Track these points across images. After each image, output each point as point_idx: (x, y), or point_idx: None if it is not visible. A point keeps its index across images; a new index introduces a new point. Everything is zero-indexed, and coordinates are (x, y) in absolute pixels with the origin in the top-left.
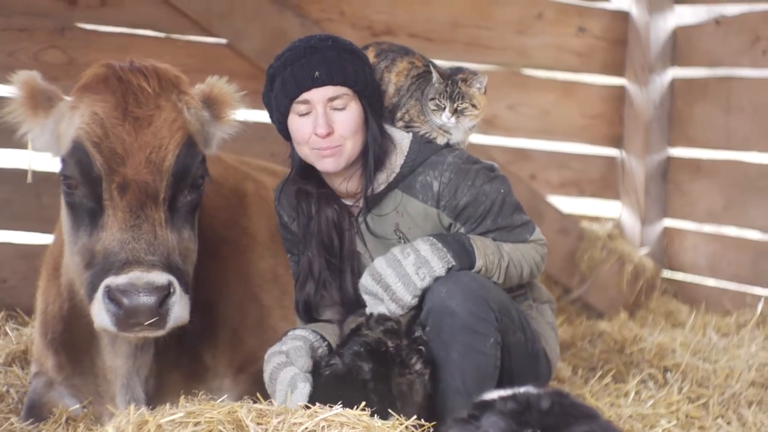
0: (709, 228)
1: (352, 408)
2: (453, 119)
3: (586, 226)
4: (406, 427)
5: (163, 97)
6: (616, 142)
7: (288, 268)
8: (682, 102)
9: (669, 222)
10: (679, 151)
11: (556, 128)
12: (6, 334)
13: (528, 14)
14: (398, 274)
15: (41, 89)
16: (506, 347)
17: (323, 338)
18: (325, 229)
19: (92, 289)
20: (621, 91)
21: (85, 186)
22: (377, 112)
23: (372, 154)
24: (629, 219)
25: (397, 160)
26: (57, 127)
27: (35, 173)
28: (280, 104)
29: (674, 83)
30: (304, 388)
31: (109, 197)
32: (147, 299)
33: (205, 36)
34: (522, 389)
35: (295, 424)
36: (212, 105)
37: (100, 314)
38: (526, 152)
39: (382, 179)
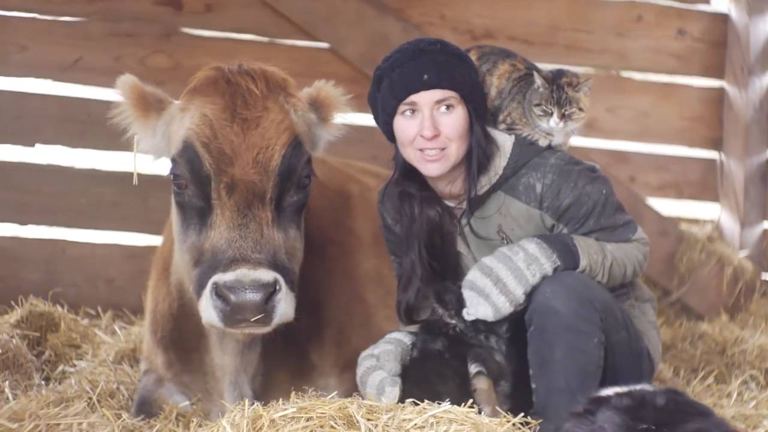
0: None
1: (436, 376)
2: (561, 124)
3: (685, 229)
4: (513, 424)
5: (270, 99)
6: (715, 144)
7: (392, 269)
8: None
9: None
10: None
11: (654, 130)
12: (114, 332)
13: (627, 17)
14: (510, 269)
15: (150, 92)
16: (610, 346)
17: None
18: (427, 230)
19: (200, 286)
20: (720, 93)
21: (195, 185)
22: (482, 116)
23: (476, 158)
24: (728, 221)
25: (500, 163)
26: (168, 128)
27: (142, 176)
28: (386, 105)
29: None
30: (392, 392)
31: (217, 197)
32: (253, 296)
33: (308, 40)
34: (637, 386)
35: (404, 420)
36: (319, 108)
37: (208, 310)
38: (624, 155)
39: (485, 181)
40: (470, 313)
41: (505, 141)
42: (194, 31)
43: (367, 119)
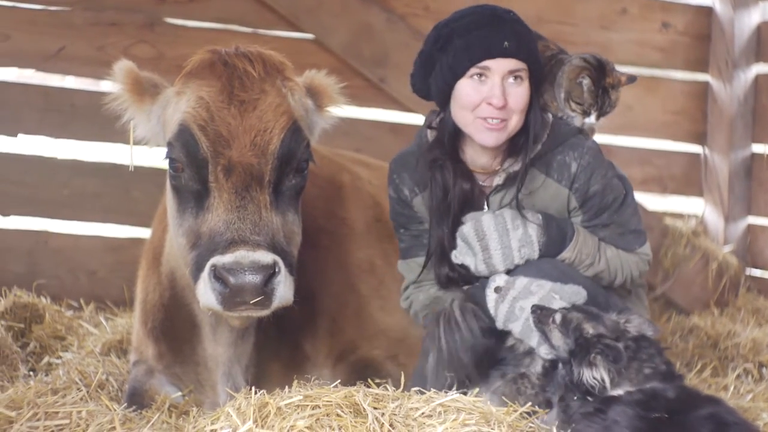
0: None
1: None
2: (595, 122)
3: (670, 223)
4: (521, 414)
5: (268, 82)
6: (699, 138)
7: (383, 259)
8: (767, 98)
9: (753, 219)
10: (763, 148)
11: (638, 124)
12: (98, 324)
13: (612, 10)
14: (502, 244)
15: (146, 77)
16: None
17: None
18: (461, 202)
19: (198, 269)
20: (704, 87)
21: (191, 169)
22: (539, 92)
23: (533, 133)
24: (712, 216)
25: (541, 139)
26: (163, 112)
27: (124, 168)
28: (457, 65)
29: (758, 79)
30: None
31: (214, 179)
32: (253, 278)
33: (292, 31)
34: (648, 384)
35: (412, 408)
36: (314, 95)
37: (206, 293)
38: (608, 148)
39: (523, 156)
40: (457, 257)
41: (547, 119)
42: (177, 21)
43: (352, 111)
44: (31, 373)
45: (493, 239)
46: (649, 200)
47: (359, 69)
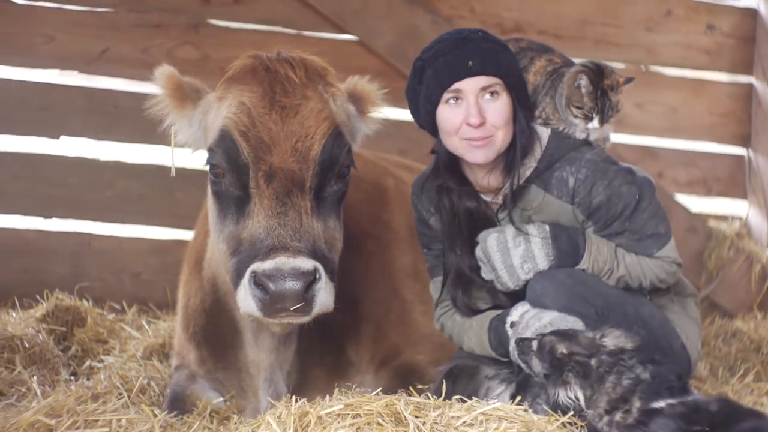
0: None
1: None
2: (598, 126)
3: (714, 225)
4: (562, 423)
5: (309, 88)
6: (744, 140)
7: None
8: None
9: None
10: None
11: (683, 126)
12: (140, 327)
13: (657, 12)
14: (504, 263)
15: (187, 82)
16: None
17: None
18: (469, 222)
19: (238, 276)
20: (749, 89)
21: (232, 174)
22: (524, 105)
23: (519, 146)
24: (756, 218)
25: (535, 154)
26: (205, 118)
27: (168, 169)
28: (431, 94)
29: None
30: None
31: (255, 185)
32: (293, 284)
33: (337, 33)
34: (690, 397)
35: (453, 417)
36: (357, 100)
37: (246, 300)
38: (653, 150)
39: (521, 173)
40: (483, 275)
41: (542, 133)
42: (222, 22)
43: (396, 113)
44: (73, 377)
45: (497, 260)
46: (693, 202)
47: (404, 71)
